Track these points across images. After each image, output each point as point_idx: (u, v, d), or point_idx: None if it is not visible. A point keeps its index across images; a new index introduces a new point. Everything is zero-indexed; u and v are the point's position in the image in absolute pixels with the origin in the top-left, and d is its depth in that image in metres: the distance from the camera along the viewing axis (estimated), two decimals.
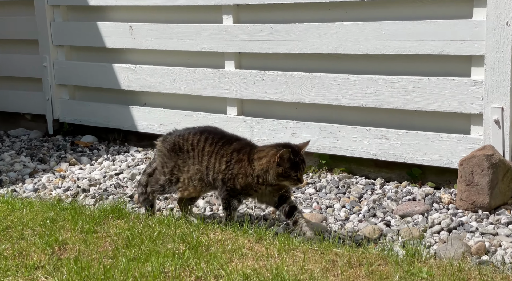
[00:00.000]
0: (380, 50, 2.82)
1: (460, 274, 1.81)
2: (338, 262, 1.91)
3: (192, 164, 2.33)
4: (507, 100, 2.53)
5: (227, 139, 2.34)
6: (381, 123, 2.90)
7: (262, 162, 2.24)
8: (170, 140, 2.39)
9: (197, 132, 2.37)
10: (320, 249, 2.03)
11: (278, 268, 1.81)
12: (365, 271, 1.84)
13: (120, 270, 1.79)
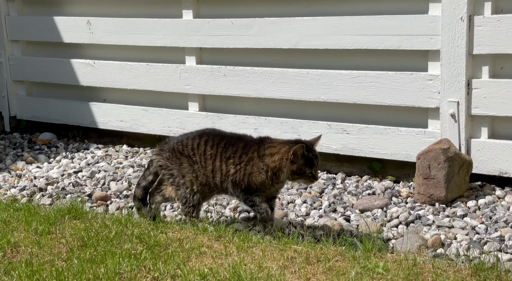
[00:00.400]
0: (339, 45, 2.87)
1: (414, 268, 1.87)
2: (296, 259, 1.96)
3: (197, 169, 2.27)
4: (462, 94, 2.61)
5: (228, 140, 2.27)
6: (342, 118, 2.95)
7: (274, 159, 2.18)
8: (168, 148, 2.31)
9: (196, 136, 2.30)
10: (279, 246, 2.07)
11: (236, 266, 1.85)
12: (322, 268, 1.89)
13: (74, 273, 1.79)
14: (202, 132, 2.33)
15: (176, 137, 2.36)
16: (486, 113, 2.58)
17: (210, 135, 2.30)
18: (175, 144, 2.31)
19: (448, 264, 1.92)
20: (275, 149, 2.21)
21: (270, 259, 1.97)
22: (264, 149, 2.22)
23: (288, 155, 2.17)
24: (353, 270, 1.85)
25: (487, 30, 2.52)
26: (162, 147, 2.34)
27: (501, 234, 2.23)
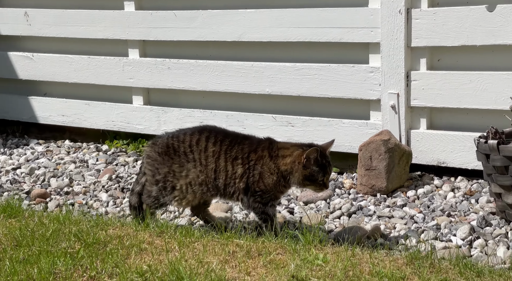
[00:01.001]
0: (283, 37, 2.92)
1: (353, 259, 1.94)
2: (237, 253, 2.00)
3: (192, 167, 2.13)
4: (402, 86, 2.71)
5: (233, 138, 2.16)
6: (287, 111, 3.01)
7: (286, 161, 2.10)
8: (161, 143, 2.19)
9: (195, 131, 2.18)
10: (221, 240, 2.11)
11: (175, 262, 1.88)
12: (263, 261, 1.94)
13: (5, 274, 1.78)
14: (202, 129, 2.20)
15: (172, 132, 2.25)
16: (424, 105, 2.69)
17: (212, 132, 2.18)
18: (170, 138, 2.20)
19: (385, 254, 2.00)
20: (287, 151, 2.12)
21: (211, 253, 2.01)
22: (276, 149, 2.12)
23: (301, 158, 2.09)
24: (292, 263, 1.91)
25: (424, 23, 2.62)
26: (155, 140, 2.23)
27: (437, 223, 2.34)
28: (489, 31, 2.47)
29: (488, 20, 2.47)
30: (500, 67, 2.50)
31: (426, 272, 1.81)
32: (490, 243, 2.12)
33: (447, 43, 2.58)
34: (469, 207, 2.44)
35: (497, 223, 2.26)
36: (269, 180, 2.12)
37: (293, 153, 2.11)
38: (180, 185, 2.17)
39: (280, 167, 2.11)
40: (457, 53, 2.59)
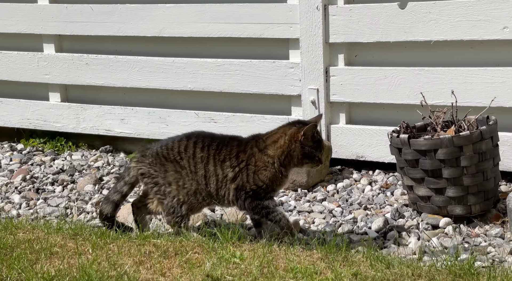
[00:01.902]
0: (204, 33, 2.95)
1: (269, 255, 2.00)
2: (154, 254, 2.02)
3: (185, 175, 2.10)
4: (321, 82, 2.80)
5: (220, 141, 2.12)
6: (210, 107, 3.05)
7: (280, 144, 2.05)
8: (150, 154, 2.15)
9: (183, 138, 2.14)
10: (138, 241, 2.12)
11: (86, 266, 1.87)
12: (179, 261, 1.97)
13: None
14: (190, 134, 2.17)
15: (161, 141, 2.20)
16: (343, 100, 2.79)
17: (199, 137, 2.14)
18: (159, 148, 2.15)
19: (302, 249, 2.06)
20: (277, 135, 2.08)
21: (126, 255, 2.02)
22: (263, 140, 2.09)
23: (297, 136, 2.04)
24: (209, 262, 1.94)
25: (341, 19, 2.71)
26: (143, 152, 2.17)
27: (355, 216, 2.45)
28: (401, 28, 2.59)
29: (400, 17, 2.59)
30: (413, 63, 2.63)
31: (339, 266, 1.89)
32: (403, 234, 2.24)
33: (363, 39, 2.69)
34: (385, 199, 2.56)
35: (409, 214, 2.39)
36: (266, 174, 2.07)
37: (286, 133, 2.07)
38: (183, 195, 2.13)
39: (274, 154, 2.06)
40: (373, 49, 2.71)
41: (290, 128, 2.08)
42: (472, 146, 2.19)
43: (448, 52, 2.55)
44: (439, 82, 2.55)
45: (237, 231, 2.14)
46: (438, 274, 1.81)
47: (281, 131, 2.10)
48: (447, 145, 2.20)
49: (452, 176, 2.22)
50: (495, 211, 2.28)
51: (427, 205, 2.30)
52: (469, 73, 2.49)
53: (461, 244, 2.11)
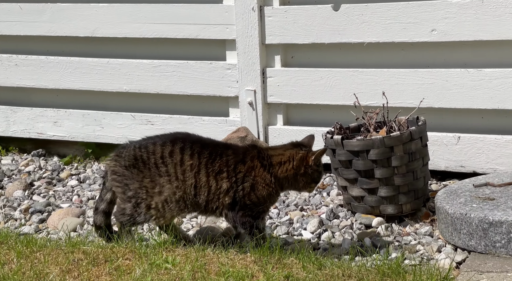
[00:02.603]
0: (139, 33, 2.93)
1: (203, 259, 2.00)
2: (83, 261, 1.99)
3: (167, 183, 2.01)
4: (258, 83, 2.83)
5: (213, 148, 2.04)
6: (147, 109, 3.03)
7: (286, 168, 2.02)
8: (128, 155, 2.05)
9: (166, 142, 2.04)
10: (68, 248, 2.09)
11: (7, 277, 1.83)
12: (109, 268, 1.95)
13: None
14: (174, 138, 2.07)
15: (137, 141, 2.11)
16: (280, 101, 2.83)
17: (187, 142, 2.04)
18: (138, 150, 2.05)
19: (236, 252, 2.07)
20: (282, 157, 2.04)
21: (53, 263, 1.99)
22: (268, 158, 2.04)
23: (309, 160, 2.03)
24: (139, 268, 1.93)
25: (276, 20, 2.75)
26: (119, 152, 2.08)
27: (291, 217, 2.49)
28: (335, 30, 2.65)
29: (334, 19, 2.65)
30: (347, 64, 2.69)
31: (272, 268, 1.92)
32: (337, 235, 2.29)
33: (298, 40, 2.73)
34: (321, 200, 2.62)
35: (344, 215, 2.45)
36: (263, 191, 2.03)
37: (294, 157, 2.04)
38: (156, 203, 2.04)
39: (279, 175, 2.03)
40: (309, 50, 2.76)
41: (298, 151, 2.06)
42: (402, 146, 2.27)
43: (380, 53, 2.62)
44: (372, 83, 2.63)
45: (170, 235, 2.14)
46: (367, 273, 1.86)
47: (287, 154, 2.06)
48: (378, 145, 2.27)
49: (384, 176, 2.29)
50: (425, 209, 2.37)
51: (360, 205, 2.36)
52: (401, 74, 2.57)
53: (392, 243, 2.18)
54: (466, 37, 2.41)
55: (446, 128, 2.53)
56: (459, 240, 2.03)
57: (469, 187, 2.19)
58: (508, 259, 1.90)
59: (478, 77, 2.42)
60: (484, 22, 2.35)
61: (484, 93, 2.41)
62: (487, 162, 2.44)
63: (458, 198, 2.12)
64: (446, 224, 2.08)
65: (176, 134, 2.13)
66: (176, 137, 2.08)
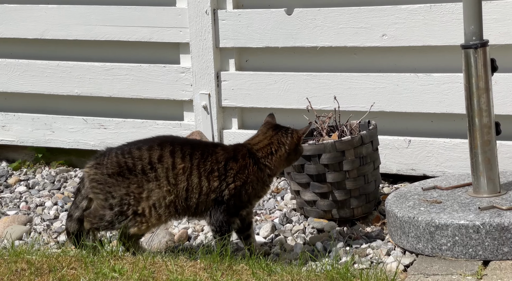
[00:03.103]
0: (90, 36, 2.91)
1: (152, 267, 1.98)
2: (26, 271, 1.95)
3: (156, 188, 1.98)
4: (213, 87, 2.84)
5: (203, 148, 2.03)
6: (99, 113, 3.01)
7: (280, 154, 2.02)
8: (110, 162, 2.01)
9: (153, 146, 2.00)
10: (11, 257, 2.05)
11: None
12: (52, 278, 1.92)
13: None
14: (162, 141, 2.03)
15: (118, 147, 2.06)
16: (235, 105, 2.85)
17: (176, 144, 2.02)
18: (121, 156, 2.01)
19: (186, 259, 2.07)
20: (272, 146, 2.04)
21: None
22: (256, 152, 2.03)
23: (300, 139, 2.06)
24: (84, 278, 1.90)
25: (230, 24, 2.76)
26: (99, 160, 2.03)
27: None
28: (289, 34, 2.68)
29: (287, 23, 2.67)
30: (301, 68, 2.73)
31: (221, 275, 1.92)
32: (289, 240, 2.31)
33: (252, 44, 2.75)
34: (275, 204, 2.64)
35: (297, 219, 2.47)
36: (253, 190, 2.05)
37: (284, 141, 2.04)
38: (143, 208, 2.01)
39: (274, 165, 2.05)
40: (263, 54, 2.78)
41: (282, 135, 2.06)
42: (354, 151, 2.31)
43: (333, 58, 2.66)
44: (326, 87, 2.66)
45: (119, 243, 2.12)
46: (316, 279, 1.89)
47: (275, 141, 2.06)
48: (330, 150, 2.30)
49: (336, 180, 2.32)
50: (377, 213, 2.42)
51: (313, 209, 2.39)
52: (353, 79, 2.62)
53: (343, 247, 2.21)
54: (415, 43, 2.47)
55: (398, 132, 2.58)
56: (408, 243, 2.07)
57: (418, 190, 2.25)
58: (453, 262, 1.95)
59: (427, 82, 2.48)
60: (432, 28, 2.41)
61: (433, 97, 2.48)
62: (437, 165, 2.51)
63: (407, 201, 2.17)
64: (395, 227, 2.13)
65: (160, 137, 2.10)
66: (163, 140, 2.05)
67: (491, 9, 2.31)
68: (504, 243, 1.91)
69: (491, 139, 2.06)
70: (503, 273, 1.84)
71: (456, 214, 2.01)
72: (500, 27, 2.31)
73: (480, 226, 1.93)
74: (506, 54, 2.29)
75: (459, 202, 2.09)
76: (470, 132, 2.08)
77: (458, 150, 2.44)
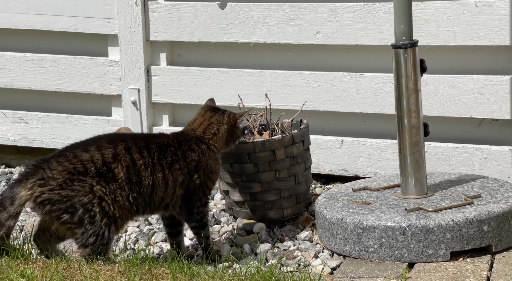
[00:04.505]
0: (10, 24, 2.80)
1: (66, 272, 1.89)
2: None
3: (118, 188, 1.89)
4: (143, 82, 2.76)
5: (158, 141, 1.99)
6: (20, 106, 2.90)
7: (222, 134, 2.07)
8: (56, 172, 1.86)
9: (102, 145, 1.91)
10: None
11: None
12: None
13: None
14: (110, 139, 1.95)
15: (55, 155, 1.90)
16: (166, 101, 2.78)
17: (128, 141, 1.95)
18: (66, 163, 1.87)
19: (104, 263, 1.99)
20: (213, 126, 2.07)
21: None
22: (202, 135, 2.06)
23: (236, 121, 2.13)
24: None
25: (161, 16, 2.70)
26: (40, 176, 1.85)
27: None
28: (222, 29, 2.64)
29: (220, 17, 2.63)
30: (235, 65, 2.70)
31: (139, 280, 1.86)
32: (216, 241, 2.27)
33: (184, 38, 2.70)
34: None
35: (226, 220, 2.44)
36: (216, 174, 2.09)
37: (222, 121, 2.09)
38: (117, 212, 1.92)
39: (219, 146, 2.09)
40: (195, 49, 2.73)
41: (220, 115, 2.11)
42: (284, 150, 2.29)
43: (267, 55, 2.64)
44: (259, 84, 2.64)
45: (31, 245, 2.02)
46: None
47: (215, 121, 2.10)
48: (260, 148, 2.27)
49: (266, 180, 2.30)
50: (307, 214, 2.41)
51: (242, 210, 2.36)
52: (287, 76, 2.60)
53: (271, 249, 2.19)
54: (349, 41, 2.47)
55: (330, 131, 2.59)
56: (336, 245, 2.07)
57: (349, 191, 2.25)
58: (379, 264, 1.96)
59: (360, 81, 2.49)
60: (365, 27, 2.43)
61: (365, 97, 2.49)
62: (368, 166, 2.52)
63: (337, 203, 2.16)
64: (323, 229, 2.12)
65: (106, 136, 2.02)
66: (112, 138, 1.97)
67: (423, 10, 2.34)
68: (429, 245, 1.93)
69: (419, 140, 2.08)
70: (427, 275, 1.86)
71: (384, 215, 2.02)
72: (431, 28, 2.34)
73: (406, 228, 1.94)
74: (436, 55, 2.33)
75: (387, 203, 2.11)
76: (399, 133, 2.09)
77: (389, 150, 2.47)
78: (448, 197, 2.08)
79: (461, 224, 1.92)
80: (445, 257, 1.93)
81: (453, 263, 1.91)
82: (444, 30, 2.32)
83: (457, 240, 1.92)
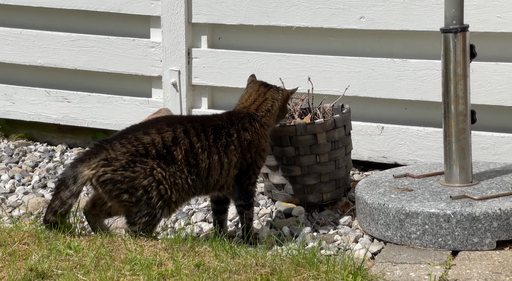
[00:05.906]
0: (56, 3, 2.78)
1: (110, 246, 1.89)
2: None
3: (176, 170, 1.89)
4: (183, 64, 2.72)
5: (214, 123, 1.97)
6: (63, 85, 2.89)
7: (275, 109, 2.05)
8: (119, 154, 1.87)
9: (162, 128, 1.90)
10: None
11: None
12: (2, 253, 1.82)
13: None
14: (169, 122, 1.94)
15: (116, 137, 1.91)
16: (205, 83, 2.74)
17: (186, 124, 1.94)
18: (130, 145, 1.88)
19: (146, 239, 1.98)
20: (268, 102, 2.04)
21: None
22: (255, 112, 2.04)
23: (289, 97, 2.13)
24: (37, 254, 1.81)
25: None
26: (103, 156, 1.87)
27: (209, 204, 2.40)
28: (264, 12, 2.58)
29: (263, 0, 2.56)
30: (276, 49, 2.64)
31: (183, 256, 1.84)
32: (256, 223, 2.23)
33: (226, 21, 2.65)
34: None
35: (264, 202, 2.40)
36: (266, 152, 2.07)
37: (276, 97, 2.07)
38: (168, 192, 1.92)
39: (271, 123, 2.08)
40: (236, 32, 2.68)
41: (274, 91, 2.09)
42: (326, 134, 2.24)
43: (309, 39, 2.58)
44: (300, 69, 2.58)
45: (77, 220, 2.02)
46: (282, 263, 1.82)
47: (269, 97, 2.06)
48: (301, 132, 2.22)
49: (306, 164, 2.25)
50: (346, 199, 2.35)
51: (281, 193, 2.32)
52: (328, 61, 2.54)
53: (310, 232, 2.14)
54: (393, 27, 2.40)
55: (371, 118, 2.52)
56: (376, 230, 2.02)
57: (389, 178, 2.19)
58: (422, 251, 1.90)
59: (404, 68, 2.42)
60: (411, 12, 2.35)
61: (408, 84, 2.42)
62: (408, 153, 2.45)
63: (378, 188, 2.11)
64: (364, 214, 2.07)
65: (164, 118, 2.03)
66: (170, 121, 1.96)
67: None
68: (474, 233, 1.86)
69: (466, 128, 2.00)
70: (472, 263, 1.80)
71: (427, 202, 1.95)
72: (480, 14, 2.25)
73: (451, 215, 1.88)
74: (484, 42, 2.24)
75: (430, 190, 2.04)
76: (445, 119, 2.02)
77: (431, 138, 2.39)
78: (494, 186, 2.01)
79: (508, 213, 1.85)
80: (490, 245, 1.86)
81: (499, 252, 1.84)
82: (494, 16, 2.22)
83: (504, 229, 1.85)
